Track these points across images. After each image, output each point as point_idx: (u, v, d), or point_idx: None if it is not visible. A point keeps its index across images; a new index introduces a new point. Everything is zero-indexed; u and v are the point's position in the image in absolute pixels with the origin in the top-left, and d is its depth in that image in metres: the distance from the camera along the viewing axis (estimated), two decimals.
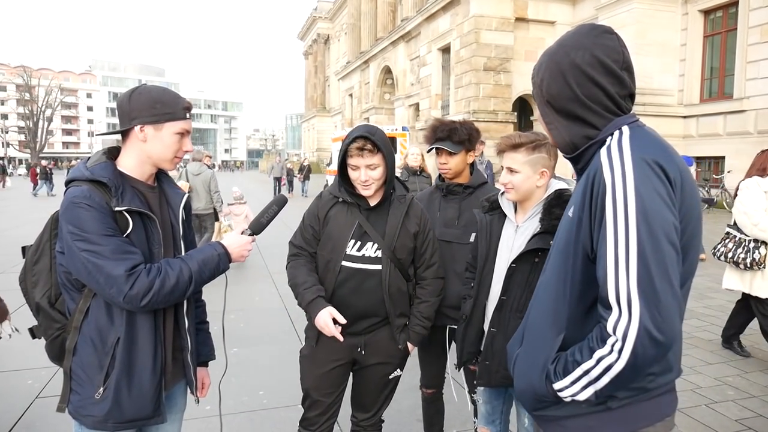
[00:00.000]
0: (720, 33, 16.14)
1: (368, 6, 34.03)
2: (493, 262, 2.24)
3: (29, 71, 69.11)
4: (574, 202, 1.32)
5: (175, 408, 1.95)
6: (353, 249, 2.23)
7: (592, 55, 1.30)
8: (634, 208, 1.15)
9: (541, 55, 1.42)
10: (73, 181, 1.66)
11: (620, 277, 1.15)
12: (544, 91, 1.37)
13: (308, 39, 58.57)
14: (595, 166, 1.24)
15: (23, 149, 72.76)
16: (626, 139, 1.24)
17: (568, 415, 1.34)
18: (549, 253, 1.47)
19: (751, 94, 14.83)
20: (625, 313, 1.15)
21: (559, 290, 1.33)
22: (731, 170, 14.95)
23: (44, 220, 1.78)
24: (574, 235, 1.28)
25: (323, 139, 48.94)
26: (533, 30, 20.03)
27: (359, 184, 2.21)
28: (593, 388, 1.23)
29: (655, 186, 1.16)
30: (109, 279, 1.56)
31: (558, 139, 1.40)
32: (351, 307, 2.24)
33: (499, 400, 2.38)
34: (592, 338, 1.23)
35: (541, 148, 2.07)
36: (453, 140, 2.59)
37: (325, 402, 2.35)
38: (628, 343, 1.14)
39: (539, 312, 1.42)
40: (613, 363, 1.17)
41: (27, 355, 4.29)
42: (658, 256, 1.14)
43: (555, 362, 1.30)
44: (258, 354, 4.63)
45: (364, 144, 2.14)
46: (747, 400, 3.74)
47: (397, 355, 2.36)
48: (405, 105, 28.09)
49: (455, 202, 2.68)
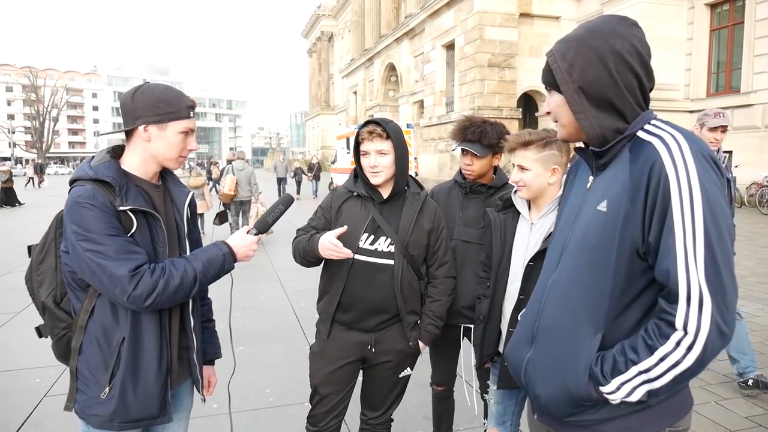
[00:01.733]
0: (727, 27, 16.02)
1: (372, 3, 33.97)
2: (509, 261, 2.21)
3: (35, 72, 69.56)
4: (608, 196, 1.28)
5: (181, 407, 1.94)
6: (366, 243, 2.24)
7: (630, 44, 1.28)
8: (700, 202, 1.14)
9: (563, 41, 1.35)
10: (77, 180, 1.65)
11: (691, 271, 1.14)
12: (575, 77, 1.29)
13: (312, 37, 58.56)
14: (649, 159, 1.21)
15: (29, 149, 73.19)
16: (676, 132, 1.23)
17: (607, 417, 1.30)
18: (560, 250, 1.43)
19: (758, 88, 14.73)
20: (695, 308, 1.13)
21: (595, 286, 1.29)
22: (739, 165, 14.84)
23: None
24: (619, 230, 1.24)
25: (328, 136, 48.96)
26: (538, 25, 19.94)
27: (369, 171, 2.22)
28: (648, 387, 1.20)
29: (714, 179, 1.17)
30: (113, 279, 1.55)
31: (588, 129, 1.33)
32: (362, 301, 2.24)
33: (511, 400, 2.34)
34: (650, 335, 1.19)
35: (551, 145, 2.04)
36: (483, 144, 2.51)
37: (334, 399, 2.34)
38: (700, 338, 1.13)
39: (563, 310, 1.36)
40: (681, 359, 1.15)
41: (35, 353, 4.31)
42: (723, 248, 1.14)
43: (600, 363, 1.26)
44: (264, 352, 4.62)
45: (375, 128, 2.19)
46: (757, 397, 3.70)
47: (407, 353, 2.34)
48: (409, 102, 28.05)
49: (478, 201, 2.62)
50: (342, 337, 2.30)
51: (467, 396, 2.83)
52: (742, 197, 14.32)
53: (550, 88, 1.40)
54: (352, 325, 2.29)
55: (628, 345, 1.22)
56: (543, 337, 1.40)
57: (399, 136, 2.22)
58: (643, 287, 1.25)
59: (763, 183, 13.75)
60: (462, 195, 2.67)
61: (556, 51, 1.35)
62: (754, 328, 5.10)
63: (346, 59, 43.77)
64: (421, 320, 2.34)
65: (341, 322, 2.31)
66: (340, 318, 2.30)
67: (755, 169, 14.30)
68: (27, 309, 5.76)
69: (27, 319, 5.42)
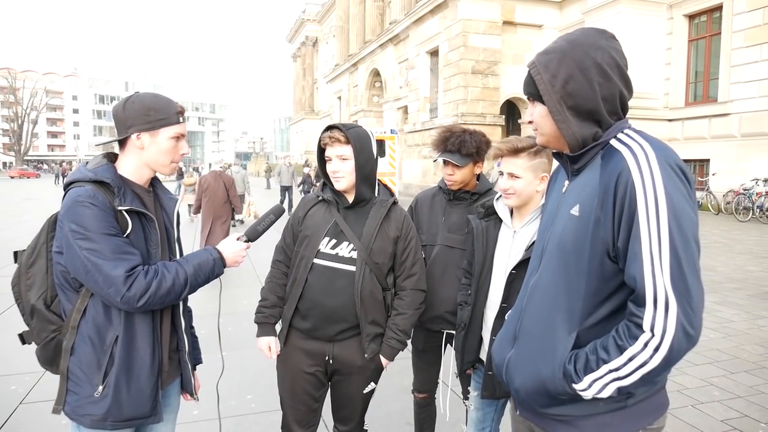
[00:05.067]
0: (704, 37, 16.35)
1: (357, 9, 34.04)
2: (490, 269, 2.19)
3: (14, 73, 68.46)
4: (580, 200, 1.33)
5: (169, 408, 1.96)
6: (327, 246, 2.21)
7: (610, 56, 1.33)
8: (665, 209, 1.19)
9: (544, 53, 1.38)
10: (74, 182, 1.69)
11: (656, 275, 1.18)
12: (557, 87, 1.34)
13: (296, 41, 58.47)
14: (617, 168, 1.25)
15: (7, 152, 71.93)
16: (644, 142, 1.28)
17: (585, 414, 1.35)
18: (540, 253, 1.46)
19: (735, 98, 15.05)
20: (661, 310, 1.18)
21: (571, 287, 1.34)
22: (716, 173, 15.14)
23: (31, 222, 1.77)
24: (591, 233, 1.29)
25: (312, 141, 48.83)
26: (521, 33, 20.15)
27: (332, 176, 2.21)
28: (618, 384, 1.25)
29: (679, 187, 1.21)
30: (108, 279, 1.59)
31: (570, 138, 1.37)
32: (320, 306, 2.19)
33: (491, 407, 2.34)
34: (620, 336, 1.24)
35: (542, 153, 2.03)
36: (462, 153, 2.53)
37: (299, 409, 2.30)
38: (666, 339, 1.17)
39: (543, 311, 1.41)
40: (648, 360, 1.20)
41: (11, 360, 4.23)
42: (689, 253, 1.19)
43: (573, 361, 1.30)
44: (246, 358, 4.60)
45: (335, 133, 2.17)
46: (733, 400, 3.78)
47: (367, 367, 2.27)
48: (394, 108, 28.11)
49: (461, 207, 2.64)
50: (301, 345, 2.26)
51: (441, 403, 2.81)
52: (719, 205, 14.59)
53: (533, 98, 1.43)
54: (310, 333, 2.23)
55: (600, 344, 1.27)
56: (524, 336, 1.46)
57: (361, 142, 2.17)
58: (615, 288, 1.30)
59: (739, 191, 14.02)
60: (446, 201, 2.69)
61: (538, 63, 1.38)
62: (730, 333, 5.20)
63: (331, 64, 43.76)
64: (385, 334, 2.27)
65: (299, 329, 2.27)
66: (298, 324, 2.26)
67: (732, 177, 14.59)
68: (2, 315, 5.65)
69: (2, 325, 5.31)
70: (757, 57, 14.55)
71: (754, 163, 14.41)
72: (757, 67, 14.52)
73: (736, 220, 13.51)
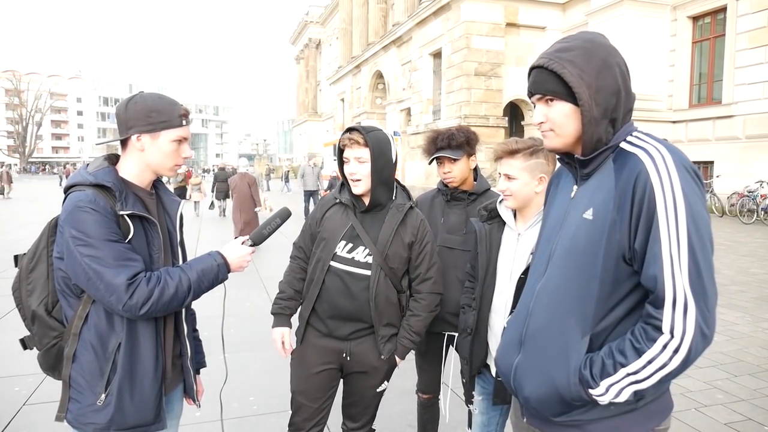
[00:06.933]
0: (708, 39, 16.31)
1: (360, 11, 34.08)
2: (494, 272, 2.15)
3: (18, 75, 68.74)
4: (593, 204, 1.33)
5: (172, 414, 1.94)
6: (343, 250, 2.23)
7: (624, 61, 1.36)
8: (683, 210, 1.20)
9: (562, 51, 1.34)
10: (74, 186, 1.64)
11: (676, 277, 1.19)
12: (590, 81, 1.31)
13: (300, 44, 58.55)
14: (634, 171, 1.26)
15: (12, 154, 72.21)
16: (659, 144, 1.29)
17: (596, 418, 1.35)
18: (546, 258, 1.45)
19: (739, 100, 15.00)
20: (680, 312, 1.19)
21: (583, 291, 1.33)
22: (720, 175, 15.08)
23: (31, 226, 1.77)
24: (606, 236, 1.28)
25: (315, 143, 48.88)
26: (524, 35, 20.14)
27: (350, 178, 2.22)
28: (636, 387, 1.25)
29: (695, 189, 1.23)
30: (110, 287, 1.55)
31: (588, 137, 1.34)
32: (337, 308, 2.23)
33: (496, 411, 2.31)
34: (637, 338, 1.24)
35: (538, 154, 2.01)
36: (453, 146, 2.57)
37: (312, 407, 2.32)
38: (685, 341, 1.18)
39: (552, 315, 1.39)
40: (668, 361, 1.20)
41: (14, 361, 4.24)
42: (705, 254, 1.21)
43: (589, 366, 1.30)
44: (249, 360, 4.60)
45: (354, 135, 2.18)
46: (736, 403, 3.76)
47: (382, 367, 2.30)
48: (397, 110, 28.12)
49: (459, 208, 2.65)
50: (318, 343, 2.30)
51: (442, 405, 2.80)
52: (724, 207, 14.54)
53: (552, 98, 1.37)
54: (327, 331, 2.28)
55: (615, 348, 1.27)
56: (532, 341, 1.44)
57: (380, 145, 2.17)
58: (628, 291, 1.30)
59: (743, 193, 13.97)
60: (444, 202, 2.71)
61: (558, 59, 1.33)
62: (734, 336, 5.18)
63: (334, 66, 43.79)
64: (398, 333, 2.30)
65: (316, 328, 2.31)
66: (315, 324, 2.31)
67: (736, 179, 14.54)
68: (5, 317, 5.67)
69: (5, 327, 5.33)
70: (761, 59, 14.50)
71: (758, 165, 14.36)
72: (762, 69, 14.47)
73: (741, 222, 13.45)
